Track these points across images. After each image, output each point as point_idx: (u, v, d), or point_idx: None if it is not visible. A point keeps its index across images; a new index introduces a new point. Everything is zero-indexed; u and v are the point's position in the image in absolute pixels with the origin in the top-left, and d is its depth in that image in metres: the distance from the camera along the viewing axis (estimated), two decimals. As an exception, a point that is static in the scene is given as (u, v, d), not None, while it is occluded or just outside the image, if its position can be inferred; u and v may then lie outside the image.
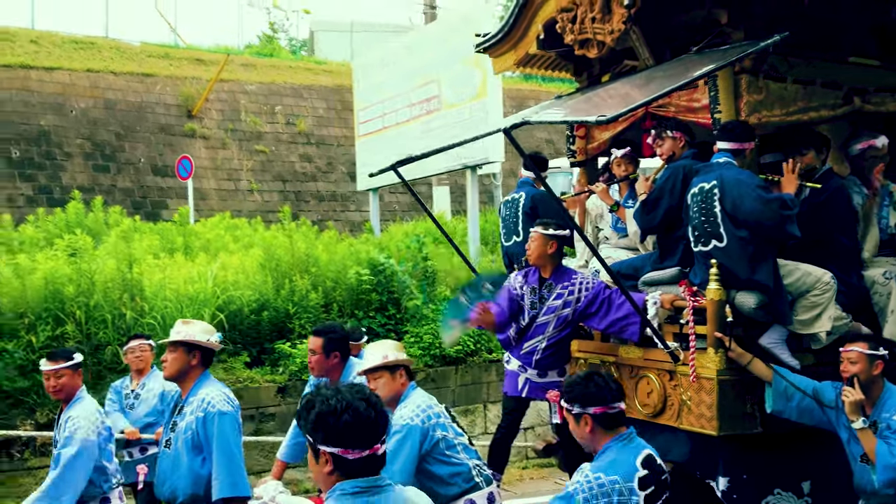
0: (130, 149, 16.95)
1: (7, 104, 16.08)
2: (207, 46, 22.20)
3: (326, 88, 20.16)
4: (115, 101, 17.30)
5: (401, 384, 4.08)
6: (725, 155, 4.59)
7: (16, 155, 15.61)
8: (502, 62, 6.36)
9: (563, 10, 5.58)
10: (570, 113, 5.17)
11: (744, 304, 4.51)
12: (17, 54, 17.07)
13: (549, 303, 5.16)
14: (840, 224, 4.82)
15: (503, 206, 6.46)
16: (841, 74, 5.06)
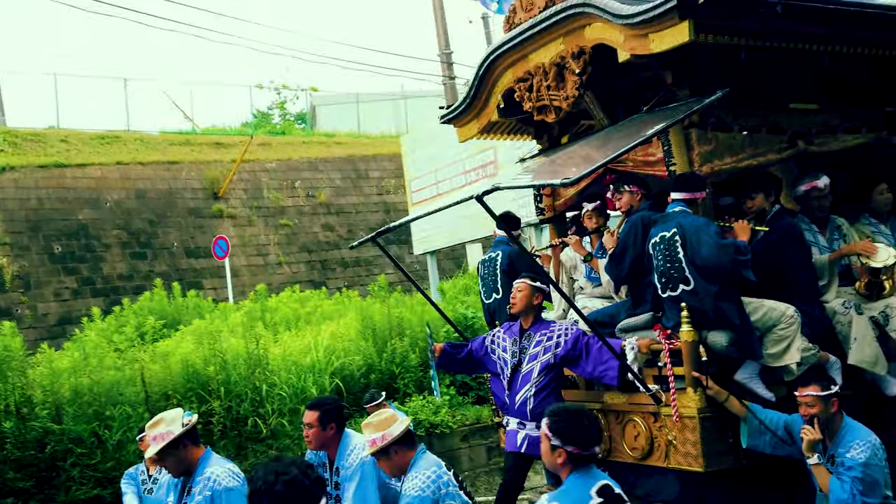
0: (163, 234, 17.82)
1: (46, 202, 16.89)
2: (223, 129, 23.58)
3: (340, 159, 21.28)
4: (145, 190, 18.24)
5: (400, 458, 4.15)
6: (680, 204, 4.89)
7: (58, 250, 16.38)
8: (466, 131, 6.69)
9: (520, 80, 5.93)
10: (536, 177, 5.45)
11: (716, 343, 4.75)
12: (50, 154, 17.99)
13: (530, 351, 5.35)
14: (795, 260, 5.10)
15: (481, 265, 6.70)
16: (784, 120, 5.41)
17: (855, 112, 5.69)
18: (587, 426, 3.47)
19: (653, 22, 4.71)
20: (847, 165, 5.86)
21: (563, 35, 5.50)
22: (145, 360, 9.12)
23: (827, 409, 4.29)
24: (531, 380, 5.35)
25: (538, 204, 6.56)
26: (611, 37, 5.11)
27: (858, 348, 5.09)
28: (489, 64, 6.15)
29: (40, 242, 16.31)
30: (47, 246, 16.27)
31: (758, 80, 5.33)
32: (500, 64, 6.10)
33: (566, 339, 5.24)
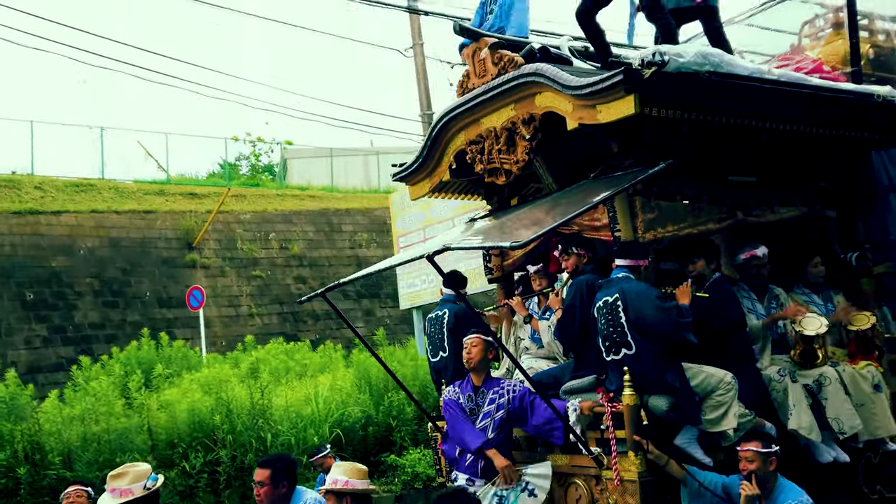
0: (136, 283, 17.70)
1: (20, 249, 16.77)
2: (196, 179, 23.54)
3: (313, 212, 21.45)
4: (119, 239, 18.18)
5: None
6: (624, 270, 5.04)
7: (30, 297, 16.22)
8: (418, 189, 6.80)
9: (472, 143, 6.09)
10: (486, 239, 5.57)
11: (657, 408, 4.86)
12: (25, 200, 17.95)
13: (484, 408, 5.37)
14: (732, 326, 5.28)
15: (428, 323, 6.74)
16: (724, 191, 5.65)
17: (790, 186, 5.97)
18: None
19: (600, 94, 4.92)
20: (784, 236, 6.11)
21: (515, 101, 5.69)
22: (152, 409, 9.34)
23: (765, 467, 4.44)
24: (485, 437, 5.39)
25: (487, 264, 6.68)
26: (560, 106, 5.31)
27: (796, 415, 5.26)
28: (443, 125, 6.30)
29: (12, 289, 16.19)
30: (19, 293, 16.17)
31: (700, 152, 5.56)
32: (454, 126, 6.25)
33: (514, 395, 5.30)
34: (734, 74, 5.18)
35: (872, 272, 6.22)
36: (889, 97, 5.97)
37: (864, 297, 6.09)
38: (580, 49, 6.13)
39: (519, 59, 5.58)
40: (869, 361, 5.66)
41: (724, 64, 5.17)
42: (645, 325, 4.80)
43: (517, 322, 6.43)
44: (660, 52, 4.84)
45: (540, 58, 5.58)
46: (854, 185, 6.29)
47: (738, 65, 5.31)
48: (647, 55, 4.82)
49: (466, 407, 5.41)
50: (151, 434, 8.97)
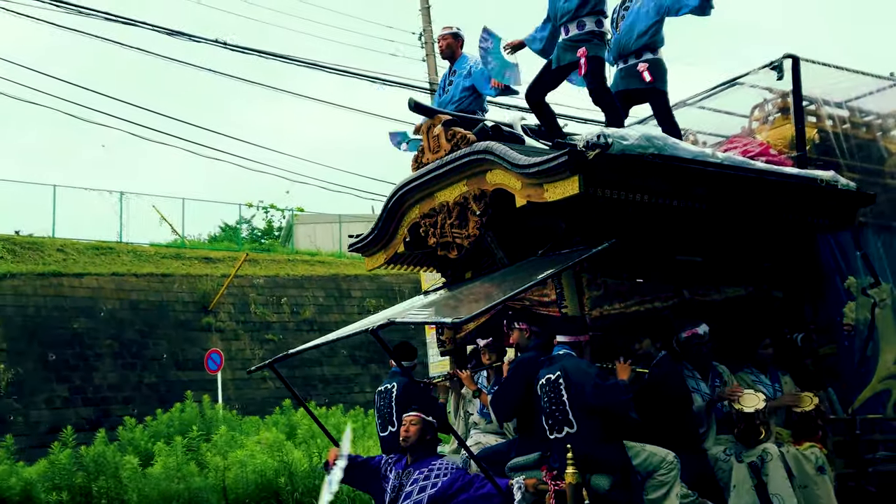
0: (154, 345, 18.46)
1: (43, 310, 17.50)
2: (212, 244, 25.22)
3: (323, 278, 22.32)
4: (138, 301, 18.99)
5: None
6: (565, 347, 5.22)
7: (52, 358, 16.88)
8: (374, 261, 6.98)
9: (426, 216, 6.30)
10: (434, 312, 5.74)
11: (599, 486, 4.98)
12: (48, 263, 18.86)
13: (406, 488, 5.32)
14: (676, 405, 5.45)
15: (377, 396, 6.83)
16: (670, 270, 5.89)
17: (736, 266, 6.22)
18: None
19: (546, 174, 5.16)
20: (732, 315, 6.34)
21: (467, 178, 5.93)
22: (220, 469, 10.10)
23: None
24: None
25: (439, 336, 6.84)
26: (510, 183, 5.54)
27: (737, 496, 5.41)
28: (398, 199, 6.51)
29: (36, 350, 16.86)
30: (42, 353, 16.85)
31: (646, 231, 5.80)
32: (408, 199, 6.47)
33: (443, 479, 5.27)
34: (677, 157, 5.46)
35: (818, 353, 6.45)
36: (832, 181, 6.28)
37: (809, 378, 6.30)
38: (532, 127, 6.42)
39: (471, 136, 5.84)
40: (812, 443, 5.83)
41: (668, 147, 5.46)
42: (586, 404, 4.95)
43: (465, 396, 6.56)
44: (604, 135, 5.11)
45: (492, 135, 5.85)
46: (800, 267, 6.55)
47: (682, 148, 5.61)
48: (591, 137, 5.09)
49: (391, 484, 5.42)
50: (226, 493, 9.78)
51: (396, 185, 6.52)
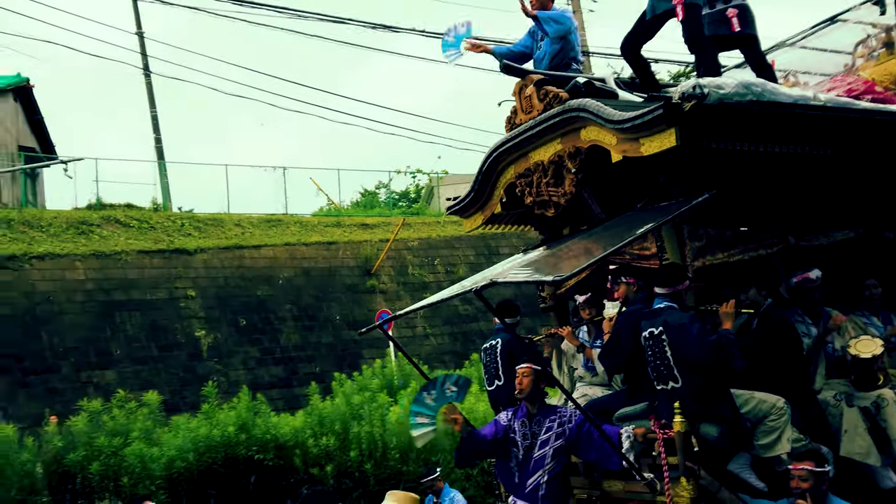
0: (327, 308, 20.65)
1: (230, 280, 20.01)
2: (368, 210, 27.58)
3: (472, 237, 23.49)
4: (309, 269, 21.29)
5: None
6: (665, 300, 5.51)
7: (243, 323, 19.24)
8: (472, 222, 7.39)
9: (521, 176, 6.65)
10: (533, 272, 6.10)
11: (708, 434, 5.31)
12: (229, 237, 21.41)
13: (541, 436, 5.83)
14: (787, 352, 5.70)
15: (483, 353, 7.29)
16: (774, 216, 6.09)
17: (844, 209, 6.36)
18: None
19: (642, 128, 5.41)
20: (840, 258, 6.50)
21: (561, 136, 6.23)
22: None
23: (818, 486, 4.86)
24: (544, 465, 5.82)
25: (540, 292, 7.21)
26: (604, 139, 5.82)
27: (849, 440, 5.65)
28: (493, 160, 6.87)
29: (228, 316, 19.29)
30: (234, 319, 19.26)
31: (748, 179, 6.01)
32: (503, 160, 6.82)
33: (570, 425, 5.76)
34: (777, 102, 5.60)
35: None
36: (940, 115, 6.32)
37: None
38: (626, 80, 6.66)
39: (563, 94, 6.12)
40: (926, 385, 5.99)
41: (767, 93, 5.60)
42: (689, 360, 5.24)
43: (567, 351, 6.94)
44: (700, 85, 5.30)
45: (585, 92, 6.11)
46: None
47: (781, 93, 5.74)
48: (687, 88, 5.30)
49: (520, 433, 5.89)
50: (454, 438, 10.61)
51: (490, 147, 6.87)
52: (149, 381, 17.00)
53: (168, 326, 18.50)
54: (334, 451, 11.13)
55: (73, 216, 21.09)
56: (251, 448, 11.03)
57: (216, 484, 10.86)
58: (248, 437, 11.17)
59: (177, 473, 10.76)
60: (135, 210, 22.85)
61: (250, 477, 10.91)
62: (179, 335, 18.48)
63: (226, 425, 11.17)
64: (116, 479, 10.20)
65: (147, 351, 17.93)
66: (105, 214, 21.46)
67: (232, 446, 11.02)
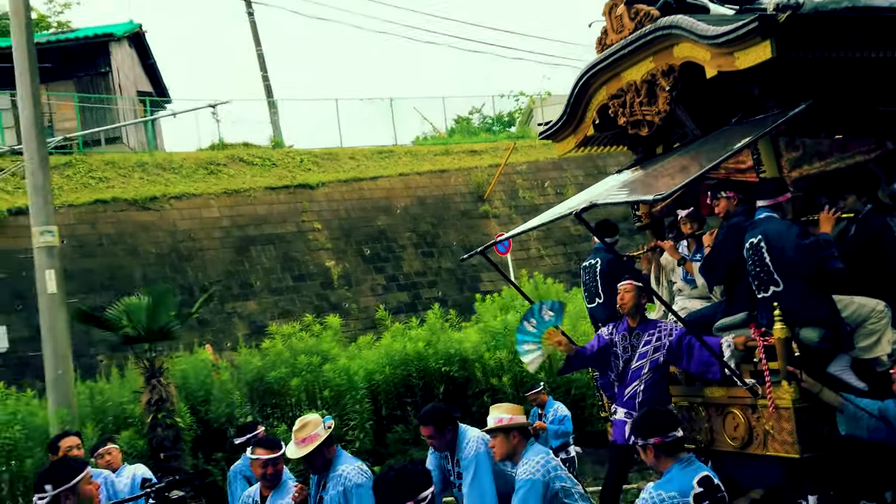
0: (444, 234, 20.82)
1: (351, 212, 20.37)
2: (474, 137, 26.67)
3: (580, 157, 23.01)
4: (424, 197, 21.41)
5: (514, 444, 4.75)
6: (766, 210, 5.30)
7: (367, 253, 19.66)
8: (564, 145, 7.23)
9: (614, 97, 6.43)
10: (631, 192, 5.95)
11: (808, 339, 5.14)
12: (346, 170, 21.60)
13: (639, 349, 5.84)
14: (887, 257, 5.41)
15: (582, 272, 7.22)
16: (871, 123, 5.72)
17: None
18: (659, 419, 3.97)
19: (736, 42, 5.13)
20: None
21: (653, 54, 5.97)
22: None
23: None
24: (640, 376, 5.83)
25: (635, 211, 7.04)
26: (698, 55, 5.55)
27: None
28: (584, 82, 6.66)
29: (353, 246, 19.63)
30: (359, 249, 19.61)
31: (843, 87, 5.65)
32: (594, 82, 6.61)
33: (671, 338, 5.70)
34: (873, 7, 5.22)
35: None
36: None
37: None
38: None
39: (654, 12, 5.83)
40: None
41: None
42: (788, 264, 5.06)
43: (666, 266, 6.78)
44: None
45: (676, 8, 5.81)
46: None
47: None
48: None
49: (621, 346, 5.88)
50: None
51: (581, 69, 6.66)
52: (286, 311, 17.53)
53: (299, 258, 18.90)
54: (508, 364, 11.34)
55: (200, 157, 21.38)
56: (439, 361, 11.43)
57: (411, 394, 11.30)
58: (436, 352, 11.55)
59: (375, 385, 11.25)
60: (254, 148, 22.72)
61: (440, 387, 11.31)
62: (311, 266, 18.87)
63: (416, 341, 11.65)
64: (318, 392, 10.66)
65: (282, 282, 18.44)
66: (229, 154, 21.63)
67: (423, 359, 11.49)
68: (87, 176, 18.78)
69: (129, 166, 19.94)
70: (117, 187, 18.86)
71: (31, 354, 15.78)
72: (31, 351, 15.82)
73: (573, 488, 4.66)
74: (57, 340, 9.91)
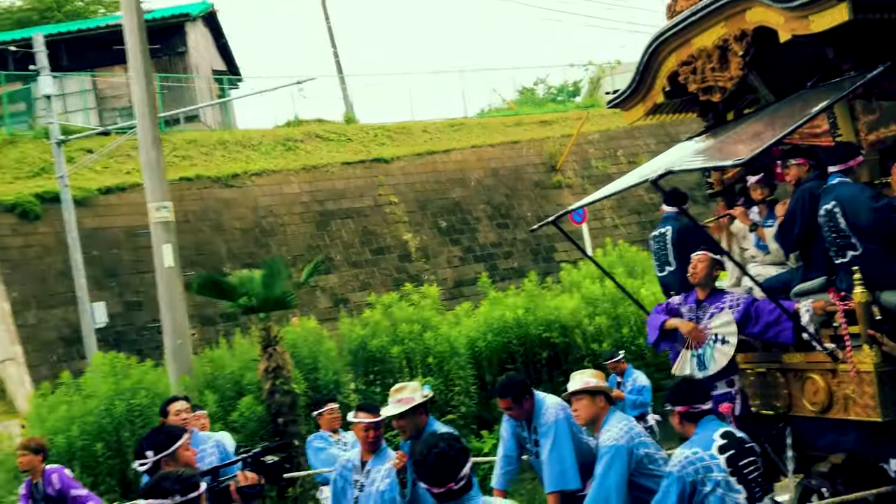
0: (517, 206, 20.70)
1: (426, 185, 20.46)
2: (543, 107, 26.58)
3: (651, 125, 22.26)
4: (497, 169, 21.26)
5: (600, 407, 4.74)
6: (838, 175, 5.13)
7: (443, 225, 19.79)
8: (633, 114, 7.10)
9: (684, 64, 6.28)
10: (707, 159, 5.82)
11: (889, 302, 4.99)
12: (419, 143, 21.58)
13: (704, 321, 5.72)
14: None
15: (652, 241, 7.11)
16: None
17: None
18: (689, 390, 4.07)
19: (811, 4, 4.94)
20: None
21: (725, 19, 5.79)
22: None
23: None
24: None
25: (706, 179, 6.89)
26: (771, 19, 5.36)
27: None
28: (653, 50, 6.51)
29: (429, 218, 19.74)
30: (434, 222, 19.71)
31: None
32: (664, 49, 6.45)
33: (738, 309, 5.58)
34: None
35: None
36: None
37: None
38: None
39: (725, -22, 5.66)
40: None
41: (944, -47, 4.97)
42: (863, 228, 4.92)
43: (737, 234, 6.63)
44: (871, -46, 4.77)
45: (746, -27, 5.63)
46: None
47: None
48: (857, -41, 4.77)
49: (687, 317, 5.78)
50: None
51: (651, 36, 6.51)
52: (366, 283, 17.73)
53: (377, 231, 19.05)
54: (608, 329, 11.38)
55: (277, 134, 21.55)
56: (539, 327, 11.42)
57: (512, 360, 11.36)
58: (535, 319, 11.52)
59: (478, 352, 11.36)
60: (328, 124, 22.77)
61: (542, 353, 11.31)
62: (388, 239, 18.98)
63: (516, 307, 11.62)
64: (421, 359, 10.84)
65: (361, 255, 18.62)
66: (305, 130, 21.72)
67: (522, 326, 11.46)
68: (172, 155, 19.09)
69: (210, 144, 20.33)
70: (200, 165, 19.29)
71: (126, 327, 16.47)
72: (125, 324, 16.52)
73: (657, 454, 4.62)
74: (175, 311, 10.37)
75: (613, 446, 4.49)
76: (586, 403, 4.75)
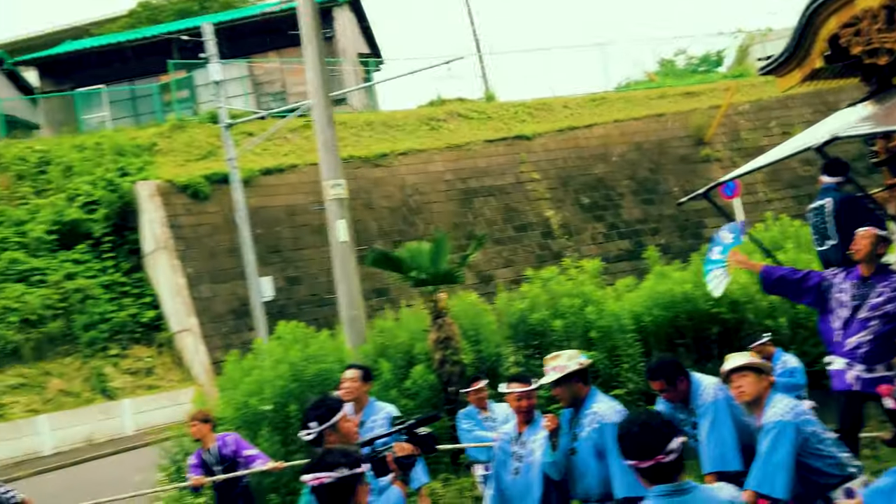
0: (663, 181, 20.05)
1: (568, 161, 20.23)
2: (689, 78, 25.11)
3: (807, 94, 21.01)
4: (641, 143, 20.66)
5: (765, 386, 4.44)
6: None
7: (585, 202, 19.54)
8: (788, 80, 6.65)
9: (846, 26, 5.80)
10: (877, 124, 5.36)
11: None
12: (560, 119, 21.28)
13: (871, 300, 5.32)
14: None
15: (811, 214, 6.63)
16: None
17: None
18: None
19: None
20: None
21: (892, -24, 5.30)
22: None
23: None
24: (868, 327, 5.34)
25: (870, 147, 6.35)
26: (945, -28, 4.86)
27: None
28: (812, 12, 6.06)
29: (571, 195, 19.48)
30: (576, 198, 19.44)
31: None
32: (824, 11, 5.99)
33: None
34: None
35: None
36: None
37: None
38: None
39: (893, -69, 5.17)
40: None
41: None
42: None
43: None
44: None
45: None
46: None
47: None
48: None
49: (849, 293, 5.40)
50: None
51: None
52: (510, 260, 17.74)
53: (520, 208, 18.95)
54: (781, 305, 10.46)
55: (421, 114, 21.71)
56: (708, 302, 10.80)
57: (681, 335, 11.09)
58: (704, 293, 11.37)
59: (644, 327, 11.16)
60: (468, 103, 22.61)
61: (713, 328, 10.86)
62: (531, 216, 18.85)
63: (683, 282, 11.20)
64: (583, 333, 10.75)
65: (504, 232, 18.61)
66: (447, 109, 21.74)
67: (690, 301, 10.95)
68: (325, 137, 19.91)
69: (358, 125, 20.84)
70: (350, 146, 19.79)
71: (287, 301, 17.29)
72: (286, 298, 17.32)
73: (823, 433, 4.30)
74: (350, 283, 10.88)
75: (780, 422, 4.13)
76: (752, 380, 4.39)
